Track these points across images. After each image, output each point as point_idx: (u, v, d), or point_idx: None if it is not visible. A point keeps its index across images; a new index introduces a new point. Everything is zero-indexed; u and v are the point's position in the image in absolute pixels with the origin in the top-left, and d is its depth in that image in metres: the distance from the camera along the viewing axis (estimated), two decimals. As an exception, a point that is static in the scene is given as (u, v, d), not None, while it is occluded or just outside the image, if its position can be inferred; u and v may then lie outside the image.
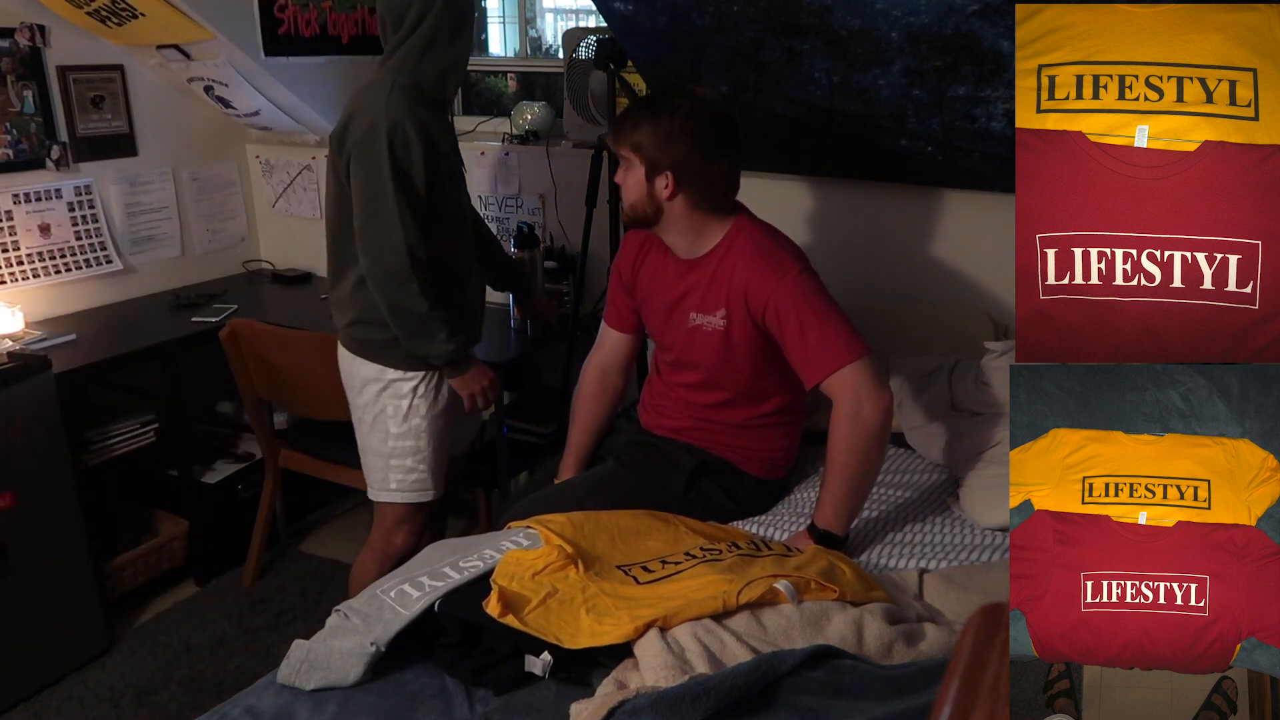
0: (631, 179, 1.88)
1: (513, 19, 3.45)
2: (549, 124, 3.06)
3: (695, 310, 1.93)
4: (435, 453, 2.22)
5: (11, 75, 2.77)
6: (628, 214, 1.93)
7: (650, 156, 1.83)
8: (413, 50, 2.01)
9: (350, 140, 1.99)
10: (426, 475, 2.22)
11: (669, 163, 1.82)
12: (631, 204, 1.90)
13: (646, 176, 1.85)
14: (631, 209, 1.91)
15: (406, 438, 2.17)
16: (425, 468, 2.21)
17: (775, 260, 1.85)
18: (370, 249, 2.01)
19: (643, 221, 1.92)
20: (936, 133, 2.27)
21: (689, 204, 1.87)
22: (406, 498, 2.23)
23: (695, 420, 2.03)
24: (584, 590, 1.52)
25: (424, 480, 2.23)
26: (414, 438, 2.18)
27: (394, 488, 2.22)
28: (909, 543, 1.89)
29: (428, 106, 2.02)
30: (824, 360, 1.79)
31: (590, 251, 2.69)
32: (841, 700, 1.30)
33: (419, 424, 2.18)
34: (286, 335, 2.59)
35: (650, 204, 1.88)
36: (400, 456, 2.20)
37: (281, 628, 2.76)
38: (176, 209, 3.29)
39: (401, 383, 2.16)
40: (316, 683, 1.43)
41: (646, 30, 2.35)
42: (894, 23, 2.01)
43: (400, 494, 2.23)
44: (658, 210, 1.88)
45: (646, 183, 1.85)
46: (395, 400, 2.16)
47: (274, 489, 2.96)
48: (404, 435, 2.17)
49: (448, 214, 2.10)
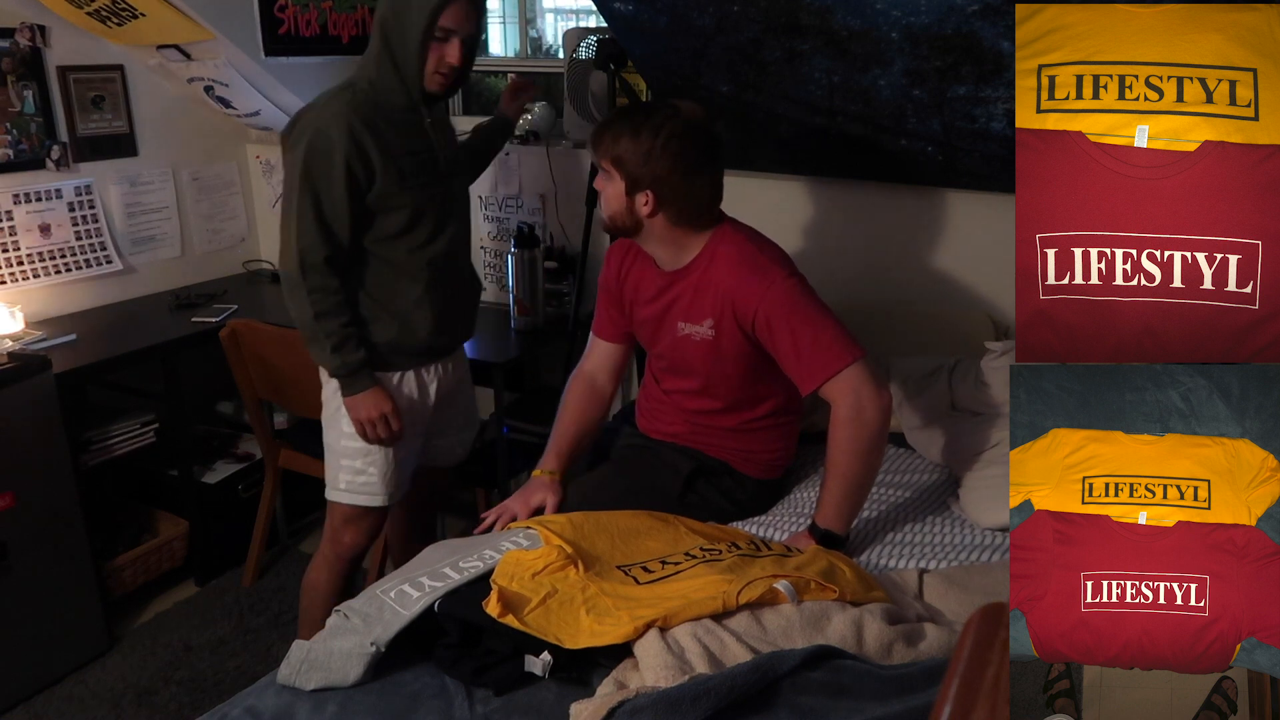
0: (611, 191, 1.86)
1: (513, 19, 3.44)
2: (549, 124, 3.06)
3: (683, 320, 1.92)
4: (386, 457, 2.16)
5: (12, 75, 2.77)
6: (607, 224, 1.91)
7: (630, 173, 1.81)
8: (369, 52, 2.02)
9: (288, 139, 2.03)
10: (376, 479, 2.17)
11: (649, 181, 1.80)
12: (611, 215, 1.88)
13: (626, 192, 1.83)
14: (611, 220, 1.89)
15: (357, 438, 2.12)
16: (375, 471, 2.17)
17: (760, 268, 1.83)
18: (280, 247, 2.03)
19: (623, 232, 1.91)
20: (937, 133, 2.27)
21: (669, 220, 1.85)
22: (354, 500, 2.19)
23: (691, 425, 2.02)
24: (584, 590, 1.52)
25: (372, 484, 2.18)
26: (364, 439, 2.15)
27: (342, 487, 2.19)
28: (909, 543, 1.89)
29: (380, 109, 2.00)
30: (820, 366, 1.78)
31: (590, 251, 2.69)
32: (841, 700, 1.30)
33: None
34: (286, 335, 2.59)
35: (630, 217, 1.86)
36: (350, 457, 2.16)
37: (281, 628, 2.76)
38: (176, 209, 3.29)
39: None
40: (316, 683, 1.43)
41: (647, 30, 2.35)
42: (894, 23, 2.01)
43: (348, 495, 2.19)
44: (637, 224, 1.87)
45: (626, 198, 1.83)
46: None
47: (274, 489, 2.96)
48: (355, 436, 2.12)
49: (392, 208, 2.03)
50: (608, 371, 2.15)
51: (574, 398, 2.14)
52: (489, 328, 2.95)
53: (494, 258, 3.19)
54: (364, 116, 1.96)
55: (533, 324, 2.84)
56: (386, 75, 2.00)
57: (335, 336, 2.01)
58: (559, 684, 1.42)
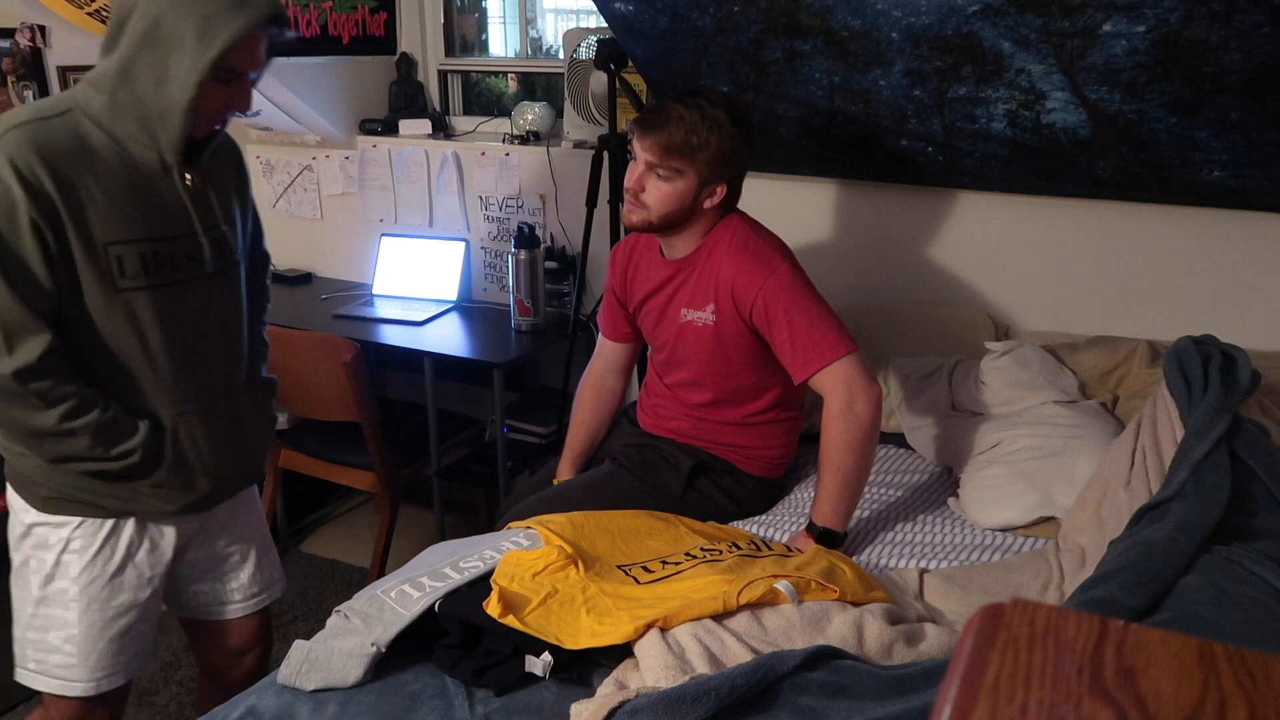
0: (673, 189, 1.81)
1: (513, 19, 3.44)
2: (550, 124, 3.06)
3: (686, 306, 1.93)
4: (90, 633, 1.57)
5: (12, 75, 2.77)
6: (655, 223, 1.84)
7: (709, 170, 1.79)
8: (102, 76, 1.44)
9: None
10: (76, 661, 1.58)
11: (728, 176, 1.81)
12: (665, 214, 1.83)
13: (699, 185, 1.81)
14: (664, 219, 1.84)
15: (50, 603, 1.57)
16: (75, 650, 1.58)
17: (762, 257, 1.85)
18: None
19: (665, 227, 1.87)
20: (937, 133, 2.27)
21: (718, 209, 1.87)
22: (49, 686, 1.61)
23: (691, 421, 2.03)
24: (584, 591, 1.52)
25: (71, 666, 1.58)
26: (59, 606, 1.57)
27: (32, 668, 1.61)
28: (909, 543, 1.89)
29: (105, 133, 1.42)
30: (814, 356, 1.79)
31: (590, 252, 2.69)
32: (842, 701, 1.30)
33: (67, 589, 1.57)
34: (286, 335, 2.59)
35: (689, 211, 1.84)
36: (38, 629, 1.58)
37: (282, 628, 2.75)
38: (177, 209, 3.28)
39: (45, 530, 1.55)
40: (317, 683, 1.42)
41: (647, 31, 2.35)
42: (895, 23, 2.01)
43: (41, 679, 1.61)
44: (691, 217, 1.86)
45: (695, 193, 1.82)
46: (38, 552, 1.57)
47: (274, 489, 2.97)
48: (46, 601, 1.57)
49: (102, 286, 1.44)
50: (617, 371, 2.19)
51: (584, 404, 2.19)
52: (490, 328, 2.95)
53: (494, 258, 3.20)
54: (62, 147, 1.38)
55: (533, 324, 2.85)
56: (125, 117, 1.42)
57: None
58: (559, 684, 1.42)
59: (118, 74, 1.40)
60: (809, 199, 2.65)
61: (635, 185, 1.84)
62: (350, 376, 2.53)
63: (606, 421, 2.20)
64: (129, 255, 1.45)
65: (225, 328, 1.63)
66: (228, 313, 1.63)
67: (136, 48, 1.38)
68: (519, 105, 3.10)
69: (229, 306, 1.63)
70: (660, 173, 1.80)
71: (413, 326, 2.92)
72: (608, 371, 2.19)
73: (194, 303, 1.55)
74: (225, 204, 1.60)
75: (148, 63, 1.38)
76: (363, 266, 3.36)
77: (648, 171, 1.82)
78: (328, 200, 3.45)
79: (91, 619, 1.58)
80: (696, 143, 1.76)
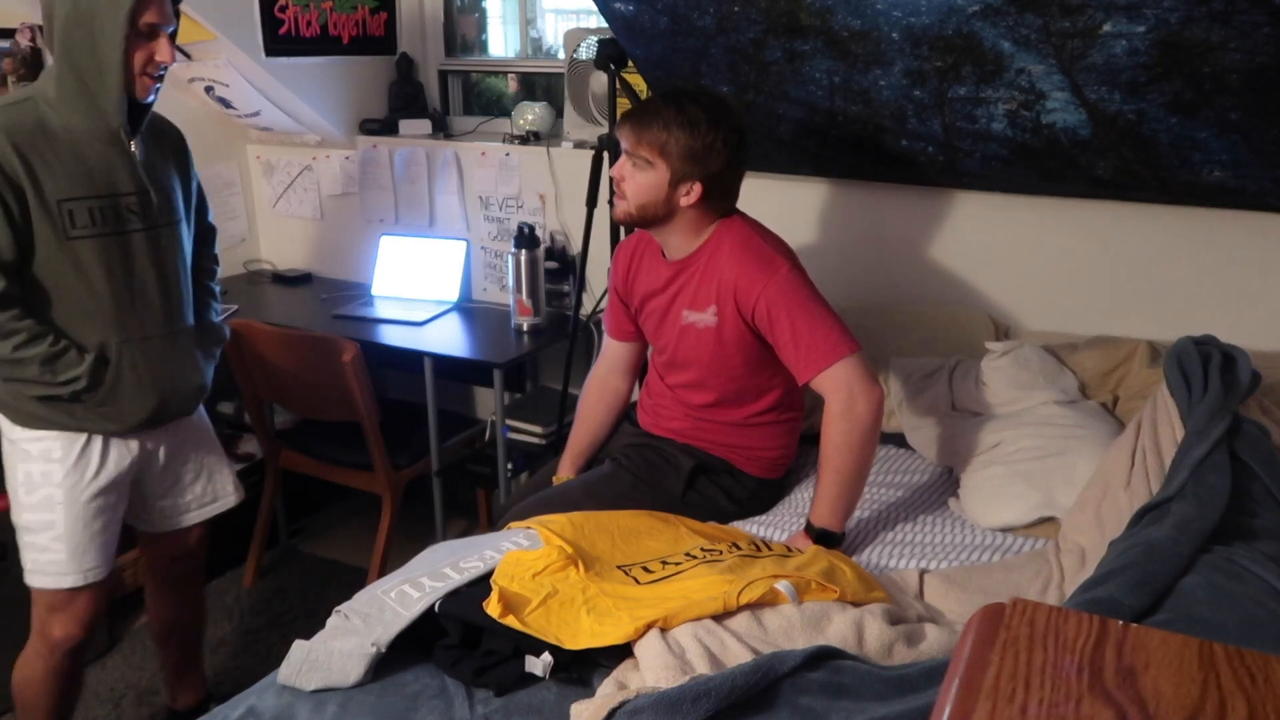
0: (646, 180, 1.84)
1: (513, 19, 3.44)
2: (550, 124, 3.06)
3: (687, 308, 1.93)
4: (74, 530, 1.86)
5: (12, 75, 2.77)
6: (634, 214, 1.88)
7: (681, 164, 1.80)
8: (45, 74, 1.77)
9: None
10: (64, 557, 1.87)
11: (702, 174, 1.81)
12: (641, 205, 1.86)
13: (671, 182, 1.82)
14: (641, 210, 1.87)
15: (38, 509, 1.85)
16: (63, 548, 1.86)
17: (764, 258, 1.85)
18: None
19: (647, 222, 1.90)
20: (937, 133, 2.27)
21: (703, 209, 1.87)
22: (43, 582, 1.89)
23: (692, 421, 2.03)
24: (584, 591, 1.52)
25: (60, 562, 1.87)
26: (46, 510, 1.86)
27: (29, 568, 1.89)
28: (909, 543, 1.89)
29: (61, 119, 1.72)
30: (817, 357, 1.79)
31: (590, 252, 2.69)
32: (842, 701, 1.30)
33: (52, 494, 1.86)
34: (286, 335, 2.60)
35: (665, 207, 1.85)
36: (33, 531, 1.87)
37: (282, 628, 2.76)
38: (177, 209, 3.29)
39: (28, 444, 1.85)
40: (317, 683, 1.42)
41: (648, 31, 2.35)
42: (895, 23, 2.01)
43: (37, 576, 1.89)
44: (670, 213, 1.87)
45: (669, 187, 1.83)
46: (24, 464, 1.86)
47: (274, 489, 2.97)
48: (36, 506, 1.85)
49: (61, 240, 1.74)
50: (622, 371, 2.19)
51: (589, 403, 2.19)
52: (490, 328, 2.95)
53: (494, 258, 3.20)
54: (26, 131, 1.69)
55: (533, 325, 2.85)
56: (69, 95, 1.70)
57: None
58: (559, 684, 1.42)
59: (59, 57, 1.69)
60: (809, 199, 2.65)
61: (617, 174, 1.89)
62: (351, 377, 2.53)
63: (610, 421, 2.20)
64: (79, 210, 1.75)
65: (163, 273, 1.89)
66: (166, 260, 1.89)
67: (67, 29, 1.67)
68: (519, 105, 3.10)
69: (168, 254, 1.90)
70: (635, 161, 1.85)
71: (413, 326, 2.92)
72: (612, 371, 2.19)
73: (134, 249, 1.83)
74: (165, 171, 1.90)
75: (77, 37, 1.67)
76: (363, 267, 3.36)
77: (626, 160, 1.86)
78: (328, 200, 3.44)
79: (74, 519, 1.86)
80: (666, 136, 1.79)
